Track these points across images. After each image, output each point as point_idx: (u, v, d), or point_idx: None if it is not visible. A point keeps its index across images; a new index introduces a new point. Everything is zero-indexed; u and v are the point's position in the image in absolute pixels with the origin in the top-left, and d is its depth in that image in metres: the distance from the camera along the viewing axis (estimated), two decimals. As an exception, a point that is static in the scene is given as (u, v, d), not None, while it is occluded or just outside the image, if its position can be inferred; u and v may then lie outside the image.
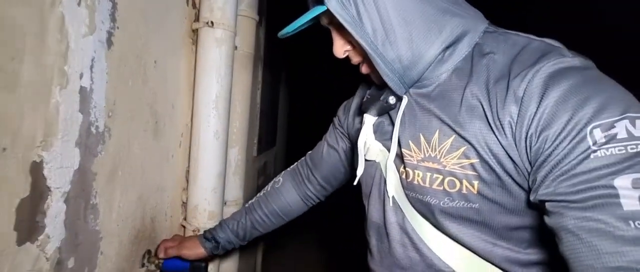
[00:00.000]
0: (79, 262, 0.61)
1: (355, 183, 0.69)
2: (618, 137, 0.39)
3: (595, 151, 0.40)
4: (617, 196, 0.38)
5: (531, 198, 0.46)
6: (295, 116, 4.57)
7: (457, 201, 0.53)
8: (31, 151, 0.49)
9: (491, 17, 0.59)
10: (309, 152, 0.93)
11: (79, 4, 0.55)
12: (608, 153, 0.39)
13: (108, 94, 0.65)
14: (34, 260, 0.51)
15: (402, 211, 0.61)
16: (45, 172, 0.51)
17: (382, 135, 0.64)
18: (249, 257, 2.19)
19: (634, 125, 0.39)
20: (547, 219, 0.44)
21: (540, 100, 0.45)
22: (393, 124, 0.61)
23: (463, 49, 0.54)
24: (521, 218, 0.52)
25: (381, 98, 0.61)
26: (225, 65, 1.03)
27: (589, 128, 0.41)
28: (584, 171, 0.40)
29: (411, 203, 0.59)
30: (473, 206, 0.52)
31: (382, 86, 0.62)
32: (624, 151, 0.39)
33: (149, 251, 0.86)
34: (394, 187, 0.61)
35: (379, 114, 0.64)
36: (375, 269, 0.67)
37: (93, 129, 0.62)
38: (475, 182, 0.51)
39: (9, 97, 0.44)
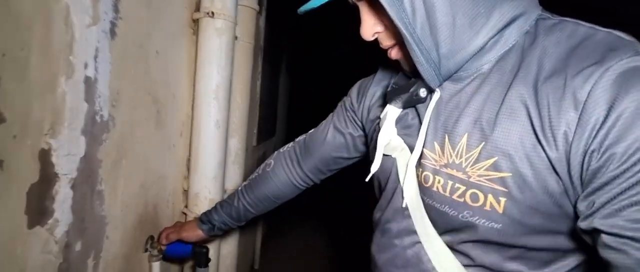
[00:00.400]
0: (85, 245, 0.64)
1: (367, 180, 0.64)
2: None
3: None
4: None
5: (581, 224, 0.40)
6: (295, 106, 4.58)
7: (477, 218, 0.47)
8: (40, 138, 0.51)
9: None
10: (309, 133, 0.85)
11: (83, -5, 0.57)
12: None
13: (112, 83, 0.66)
14: (43, 243, 0.53)
15: (412, 215, 0.56)
16: (53, 159, 0.53)
17: (404, 128, 0.58)
18: (248, 242, 2.23)
19: None
20: (602, 251, 0.38)
21: (610, 108, 0.37)
22: (418, 118, 0.55)
23: (511, 37, 0.46)
24: (549, 239, 0.46)
25: (411, 90, 0.54)
26: (225, 55, 1.05)
27: None
28: None
29: (426, 210, 0.54)
30: (495, 226, 0.46)
31: (413, 75, 0.55)
32: None
33: (151, 237, 0.89)
34: (412, 190, 0.55)
35: (405, 107, 0.57)
36: (374, 255, 0.66)
37: (98, 118, 0.63)
38: (503, 200, 0.44)
39: (18, 86, 0.46)
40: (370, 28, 0.51)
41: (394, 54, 0.53)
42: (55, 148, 0.54)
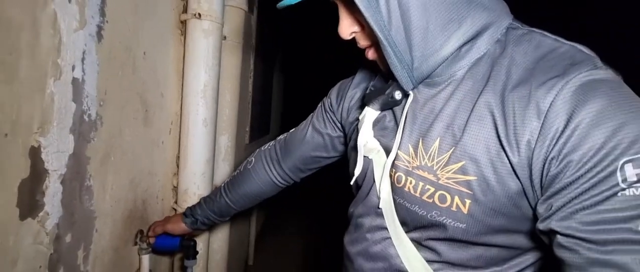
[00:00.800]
0: (75, 237, 0.67)
1: (351, 183, 0.65)
2: None
3: (623, 190, 0.36)
4: None
5: (540, 226, 0.43)
6: (289, 103, 4.61)
7: (444, 217, 0.50)
8: (30, 136, 0.54)
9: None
10: (290, 132, 0.87)
11: (69, 1, 0.60)
12: (637, 193, 0.36)
13: (99, 84, 0.70)
14: (35, 234, 0.57)
15: (384, 213, 0.59)
16: (43, 156, 0.57)
17: (381, 130, 0.60)
18: (242, 237, 2.27)
19: None
20: (557, 251, 0.41)
21: (569, 118, 0.39)
22: (395, 120, 0.57)
23: (482, 45, 0.48)
24: (507, 241, 0.50)
25: (386, 92, 0.55)
26: (212, 55, 1.08)
27: (620, 162, 0.37)
28: (608, 209, 0.37)
29: (397, 208, 0.57)
30: (460, 226, 0.49)
31: (389, 77, 0.57)
32: None
33: (141, 231, 0.93)
34: (386, 192, 0.58)
35: (382, 109, 0.59)
36: (346, 247, 0.70)
37: (86, 117, 0.67)
38: (468, 202, 0.47)
39: (8, 88, 0.50)
40: (347, 27, 0.52)
41: (371, 54, 0.55)
42: (44, 146, 0.57)
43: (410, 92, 0.53)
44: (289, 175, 0.86)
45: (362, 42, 0.53)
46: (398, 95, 0.55)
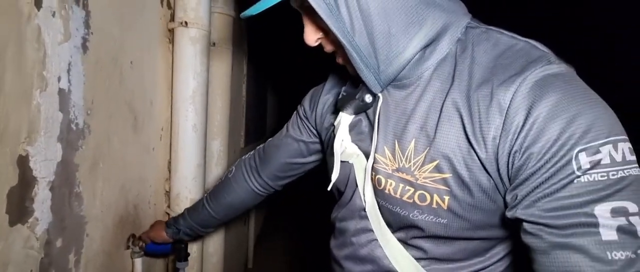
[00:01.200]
0: (66, 242, 0.70)
1: (329, 189, 0.66)
2: (602, 163, 0.39)
3: (578, 177, 0.39)
4: (596, 224, 0.38)
5: (508, 214, 0.46)
6: (286, 106, 4.63)
7: (426, 215, 0.52)
8: (17, 146, 0.57)
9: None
10: (269, 139, 0.87)
11: (53, 15, 0.63)
12: (591, 179, 0.39)
13: (86, 94, 0.72)
14: (25, 239, 0.60)
15: (368, 216, 0.61)
16: (31, 164, 0.60)
17: (357, 135, 0.61)
18: (241, 241, 2.29)
19: (616, 150, 0.39)
20: (523, 237, 0.44)
21: (528, 113, 0.42)
22: (370, 125, 0.58)
23: (444, 46, 0.50)
24: (486, 232, 0.53)
25: (357, 96, 0.57)
26: (200, 62, 1.11)
27: (575, 151, 0.40)
28: (566, 196, 0.40)
29: (381, 210, 0.58)
30: (441, 221, 0.51)
31: (358, 81, 0.57)
32: (606, 178, 0.39)
33: (133, 235, 0.95)
34: (370, 195, 0.59)
35: (356, 113, 0.60)
36: (333, 252, 0.71)
37: (73, 126, 0.69)
38: (446, 198, 0.49)
39: (-6, 100, 0.52)
40: (312, 34, 0.53)
41: (339, 59, 0.56)
42: (32, 154, 0.60)
43: (379, 95, 0.55)
44: (268, 183, 0.86)
45: (328, 48, 0.54)
46: (368, 98, 0.56)
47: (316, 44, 0.54)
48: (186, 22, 1.07)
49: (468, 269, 0.57)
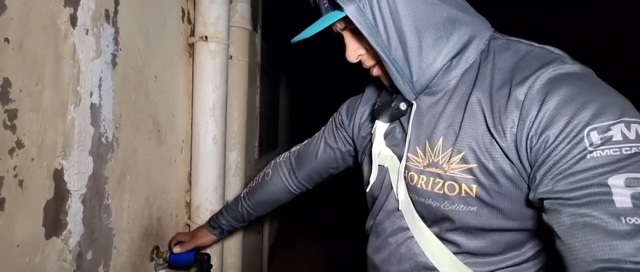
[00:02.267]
0: (96, 255, 0.71)
1: (367, 190, 0.71)
2: (613, 139, 0.41)
3: (591, 152, 0.42)
4: (610, 193, 0.39)
5: (530, 196, 0.48)
6: (296, 118, 4.66)
7: (456, 205, 0.56)
8: (54, 159, 0.58)
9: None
10: (304, 143, 0.95)
11: (87, 33, 0.65)
12: (603, 154, 0.41)
13: (115, 108, 0.74)
14: (59, 252, 0.60)
15: (404, 213, 0.65)
16: (66, 177, 0.61)
17: (392, 140, 0.67)
18: (255, 252, 2.29)
19: (629, 129, 0.41)
20: (544, 217, 0.46)
21: (541, 104, 0.47)
22: (404, 131, 0.63)
23: (470, 56, 0.56)
24: (517, 223, 0.55)
25: (392, 105, 0.63)
26: (220, 75, 1.13)
27: (586, 130, 0.42)
28: (580, 170, 0.42)
29: (414, 205, 0.62)
30: (471, 209, 0.55)
31: (393, 90, 0.64)
32: (618, 152, 0.40)
33: (157, 247, 0.96)
34: (403, 193, 0.63)
35: (391, 121, 0.66)
36: (370, 257, 0.73)
37: (103, 139, 0.71)
38: (474, 186, 0.53)
39: (34, 116, 0.54)
40: (354, 52, 0.61)
41: (375, 72, 0.63)
42: (67, 168, 0.61)
43: (414, 102, 0.61)
44: (303, 183, 0.96)
45: (368, 63, 0.62)
46: (403, 106, 0.63)
47: (357, 60, 0.62)
48: (206, 37, 1.09)
49: (504, 264, 0.58)
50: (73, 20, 0.61)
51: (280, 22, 2.50)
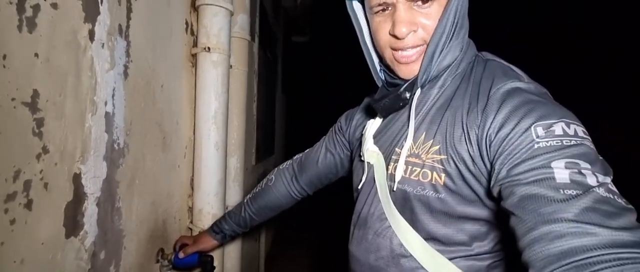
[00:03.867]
0: (108, 255, 0.75)
1: (359, 187, 0.78)
2: (555, 133, 0.50)
3: (538, 142, 0.50)
4: (552, 173, 0.47)
5: (491, 186, 0.55)
6: (292, 125, 4.71)
7: (427, 190, 0.63)
8: (73, 164, 0.63)
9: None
10: (305, 152, 1.04)
11: (103, 46, 0.70)
12: (547, 144, 0.50)
13: (126, 116, 0.79)
14: (77, 251, 0.65)
15: (382, 203, 0.71)
16: (83, 181, 0.65)
17: (380, 139, 0.74)
18: (252, 257, 2.31)
19: (568, 127, 0.51)
20: (502, 203, 0.52)
21: (498, 109, 0.57)
22: (401, 126, 0.71)
23: (461, 66, 0.67)
24: (478, 210, 0.63)
25: (399, 92, 0.68)
26: (221, 84, 1.18)
27: (533, 127, 0.52)
28: (529, 157, 0.50)
29: (392, 193, 0.68)
30: (439, 196, 0.63)
31: (396, 82, 0.71)
32: (559, 143, 0.49)
33: (162, 249, 1.00)
34: (384, 183, 0.70)
35: (388, 113, 0.73)
36: (352, 250, 0.78)
37: (116, 146, 0.76)
38: (442, 175, 0.62)
39: (57, 124, 0.58)
40: (410, 24, 0.62)
41: (412, 54, 0.65)
42: (84, 172, 0.65)
43: (419, 90, 0.68)
44: (305, 189, 1.03)
45: (413, 42, 0.64)
46: (407, 95, 0.68)
47: (407, 35, 0.63)
48: (209, 48, 1.15)
49: (469, 253, 0.65)
50: (91, 35, 0.66)
51: (273, 34, 2.56)
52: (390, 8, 0.63)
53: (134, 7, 0.81)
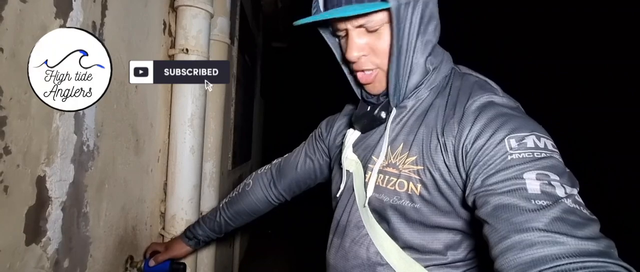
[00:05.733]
0: (72, 263, 0.70)
1: (338, 195, 0.78)
2: (527, 145, 0.53)
3: (511, 154, 0.53)
4: (524, 184, 0.49)
5: (466, 195, 0.57)
6: (270, 130, 4.67)
7: (403, 200, 0.65)
8: (38, 166, 0.59)
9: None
10: (284, 157, 1.02)
11: (74, 44, 0.66)
12: (520, 156, 0.52)
13: (97, 117, 0.75)
14: (37, 259, 0.61)
15: (360, 212, 0.71)
16: (48, 184, 0.62)
17: (360, 148, 0.75)
18: (226, 261, 2.26)
19: (539, 140, 0.54)
20: (476, 213, 0.54)
21: (474, 122, 0.59)
22: (372, 141, 0.73)
23: (436, 80, 0.68)
24: (452, 221, 0.64)
25: (374, 113, 0.71)
26: (199, 87, 1.15)
27: (506, 139, 0.54)
28: (503, 168, 0.52)
29: (370, 202, 0.69)
30: (415, 206, 0.64)
31: (370, 101, 0.73)
32: (531, 155, 0.52)
33: (131, 257, 0.95)
34: (361, 192, 0.71)
35: (367, 129, 0.74)
36: (329, 258, 0.78)
37: (85, 148, 0.72)
38: (418, 185, 0.63)
39: (22, 123, 0.55)
40: (359, 49, 0.65)
41: (368, 75, 0.68)
42: (49, 175, 0.62)
43: (394, 109, 0.70)
44: (283, 194, 1.01)
45: (367, 65, 0.67)
46: (383, 114, 0.71)
47: (357, 59, 0.66)
48: (187, 49, 1.12)
49: (443, 261, 0.66)
50: (62, 31, 0.63)
51: (252, 38, 2.55)
52: (347, 33, 0.66)
53: (110, 4, 0.78)
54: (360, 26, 0.64)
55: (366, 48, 0.65)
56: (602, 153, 4.78)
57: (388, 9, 0.59)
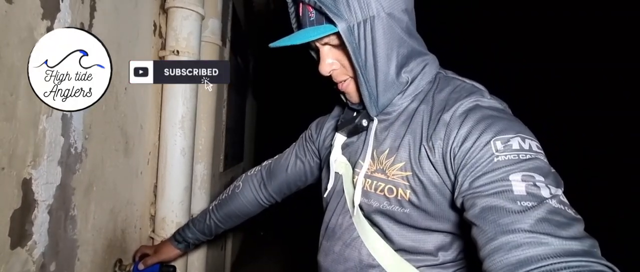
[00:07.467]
0: (59, 266, 0.69)
1: (325, 195, 0.79)
2: (513, 147, 0.53)
3: (497, 156, 0.53)
4: (510, 185, 0.50)
5: (455, 198, 0.58)
6: (262, 132, 4.66)
7: (393, 205, 0.66)
8: (23, 169, 0.58)
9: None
10: (274, 158, 1.02)
11: (62, 45, 0.66)
12: (506, 158, 0.53)
13: (85, 118, 0.75)
14: (23, 263, 0.60)
15: (351, 214, 0.72)
16: (34, 187, 0.61)
17: (348, 151, 0.75)
18: (218, 264, 2.24)
19: (524, 141, 0.55)
20: (465, 215, 0.54)
21: (461, 125, 0.59)
22: (360, 143, 0.73)
23: (420, 85, 0.67)
24: (442, 223, 0.65)
25: (356, 121, 0.72)
26: (190, 88, 1.15)
27: (492, 141, 0.55)
28: (489, 170, 0.53)
29: (360, 207, 0.70)
30: (405, 211, 0.65)
31: (354, 108, 0.74)
32: (516, 157, 0.53)
33: (120, 260, 0.94)
34: (351, 195, 0.72)
35: (351, 135, 0.75)
36: (321, 261, 0.78)
37: (72, 150, 0.71)
38: (407, 191, 0.64)
39: (7, 125, 0.54)
40: (329, 65, 0.68)
41: (345, 87, 0.70)
42: (35, 177, 0.61)
43: (375, 119, 0.69)
44: (273, 196, 1.01)
45: (339, 78, 0.70)
46: (365, 122, 0.72)
47: (329, 73, 0.69)
48: (178, 51, 1.12)
49: (435, 262, 0.67)
50: (48, 31, 0.62)
51: (247, 39, 2.55)
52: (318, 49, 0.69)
53: (98, 5, 0.78)
54: (325, 44, 0.66)
55: (336, 62, 0.68)
56: (596, 156, 4.86)
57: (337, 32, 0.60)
